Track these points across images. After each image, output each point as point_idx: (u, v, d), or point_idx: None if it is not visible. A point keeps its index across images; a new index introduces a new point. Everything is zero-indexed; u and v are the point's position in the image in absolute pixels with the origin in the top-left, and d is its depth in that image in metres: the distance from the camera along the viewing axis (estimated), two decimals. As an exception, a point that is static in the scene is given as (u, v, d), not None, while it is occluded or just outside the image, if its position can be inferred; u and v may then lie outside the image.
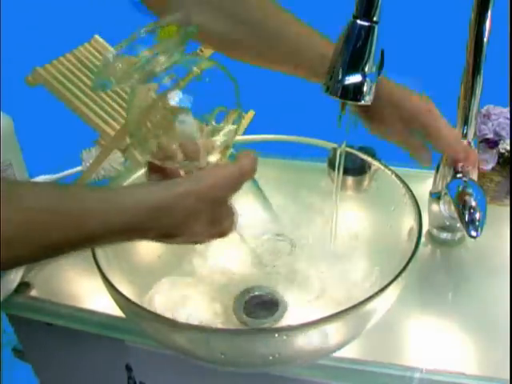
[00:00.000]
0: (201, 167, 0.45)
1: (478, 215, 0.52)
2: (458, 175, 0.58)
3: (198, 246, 0.63)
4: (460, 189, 0.55)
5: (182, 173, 0.46)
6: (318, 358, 0.50)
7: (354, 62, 0.49)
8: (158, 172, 0.44)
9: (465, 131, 0.58)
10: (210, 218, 0.42)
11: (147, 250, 0.61)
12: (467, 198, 0.53)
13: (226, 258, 0.63)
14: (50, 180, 0.81)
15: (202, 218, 0.41)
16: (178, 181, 0.41)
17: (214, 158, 0.45)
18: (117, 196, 0.38)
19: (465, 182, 0.57)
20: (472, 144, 0.59)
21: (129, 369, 0.61)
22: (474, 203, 0.52)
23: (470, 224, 0.51)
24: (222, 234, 0.45)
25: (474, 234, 0.51)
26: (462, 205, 0.53)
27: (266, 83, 0.99)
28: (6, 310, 0.62)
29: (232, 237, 0.64)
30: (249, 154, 0.44)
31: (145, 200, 0.38)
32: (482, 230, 0.51)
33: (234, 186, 0.42)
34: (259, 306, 0.59)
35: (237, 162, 0.43)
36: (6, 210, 0.32)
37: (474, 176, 0.60)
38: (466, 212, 0.52)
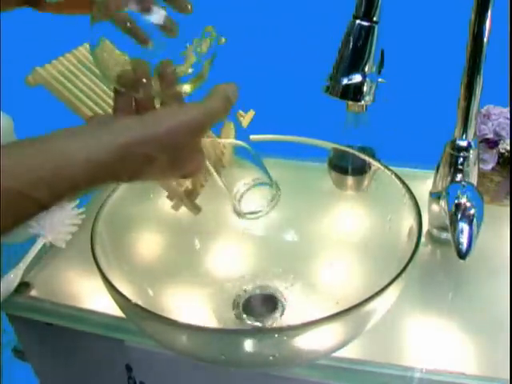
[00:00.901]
0: (171, 97, 0.41)
1: (466, 241, 0.52)
2: (457, 178, 0.59)
3: (198, 247, 0.63)
4: (454, 208, 0.55)
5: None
6: (318, 358, 0.50)
7: (354, 62, 0.49)
8: (126, 97, 0.41)
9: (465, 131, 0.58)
10: (168, 162, 0.39)
11: (147, 250, 0.61)
12: (461, 224, 0.53)
13: (226, 258, 0.63)
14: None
15: (158, 163, 0.38)
16: (131, 125, 0.37)
17: (185, 88, 0.42)
18: (66, 150, 0.34)
19: (463, 186, 0.57)
20: (472, 144, 0.59)
21: (129, 369, 0.61)
22: (466, 228, 0.53)
23: (460, 245, 0.52)
24: (186, 175, 0.42)
25: (462, 256, 0.52)
26: (454, 228, 0.53)
27: (266, 83, 0.99)
28: (6, 309, 0.62)
29: (231, 236, 0.64)
30: (221, 90, 0.40)
31: (96, 155, 0.35)
32: (471, 247, 0.52)
33: (197, 131, 0.39)
34: (259, 305, 0.59)
35: (204, 102, 0.40)
36: None
37: (474, 178, 0.61)
38: (458, 234, 0.53)
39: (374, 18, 0.48)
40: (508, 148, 0.65)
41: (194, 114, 0.38)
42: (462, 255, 0.52)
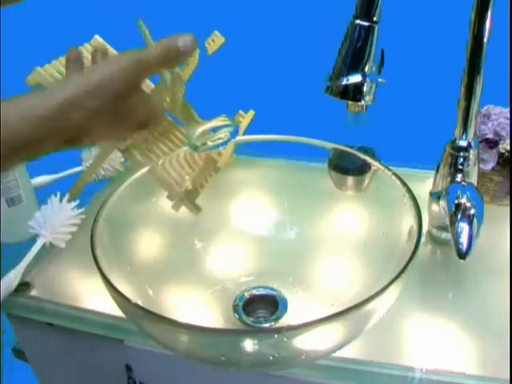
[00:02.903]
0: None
1: (466, 241, 0.52)
2: (457, 178, 0.59)
3: (198, 247, 0.63)
4: (454, 208, 0.54)
5: None
6: (318, 358, 0.50)
7: (354, 62, 0.49)
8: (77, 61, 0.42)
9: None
10: (114, 114, 0.39)
11: (147, 250, 0.61)
12: (462, 224, 0.53)
13: (226, 258, 0.63)
14: (50, 180, 0.81)
15: (104, 116, 0.38)
16: (68, 80, 0.38)
17: None
18: (2, 112, 0.34)
19: (463, 186, 0.57)
20: (472, 144, 0.59)
21: (129, 369, 0.61)
22: (466, 228, 0.53)
23: (460, 245, 0.52)
24: (140, 126, 0.42)
25: (462, 256, 0.52)
26: (454, 229, 0.53)
27: (266, 83, 0.99)
28: (6, 310, 0.62)
29: (231, 236, 0.64)
30: (165, 40, 0.40)
31: (31, 112, 0.35)
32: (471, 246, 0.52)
33: (130, 77, 0.39)
34: (259, 305, 0.59)
35: (141, 49, 0.40)
36: None
37: (474, 178, 0.61)
38: (458, 235, 0.53)
39: (374, 18, 0.48)
40: (508, 148, 0.65)
41: (126, 61, 0.39)
42: (462, 255, 0.52)
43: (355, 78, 0.49)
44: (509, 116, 0.66)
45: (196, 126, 0.49)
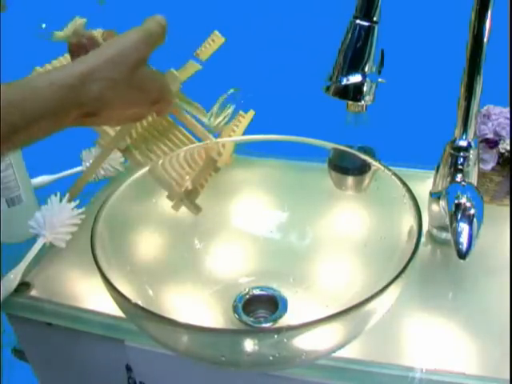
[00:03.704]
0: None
1: (466, 241, 0.52)
2: (457, 178, 0.59)
3: (198, 247, 0.63)
4: (454, 208, 0.54)
5: None
6: (318, 358, 0.50)
7: (354, 62, 0.49)
8: (80, 54, 0.46)
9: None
10: (129, 86, 0.43)
11: (147, 250, 0.61)
12: (461, 224, 0.53)
13: (226, 258, 0.63)
14: (50, 180, 0.81)
15: (120, 87, 0.42)
16: (90, 54, 0.42)
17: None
18: (31, 81, 0.39)
19: (463, 186, 0.57)
20: (472, 144, 0.59)
21: (129, 369, 0.61)
22: (466, 228, 0.52)
23: (460, 245, 0.52)
24: (153, 103, 0.46)
25: (462, 256, 0.52)
26: (454, 229, 0.53)
27: (266, 83, 0.99)
28: (6, 310, 0.62)
29: (231, 236, 0.64)
30: (151, 18, 0.46)
31: (58, 79, 0.39)
32: (471, 246, 0.52)
33: (145, 47, 0.44)
34: (259, 305, 0.59)
35: (141, 26, 0.45)
36: None
37: (474, 178, 0.61)
38: (458, 236, 0.52)
39: (374, 18, 0.48)
40: (508, 148, 0.65)
41: (137, 34, 0.44)
42: (462, 255, 0.52)
43: (355, 78, 0.49)
44: (509, 116, 0.66)
45: (205, 113, 0.51)
